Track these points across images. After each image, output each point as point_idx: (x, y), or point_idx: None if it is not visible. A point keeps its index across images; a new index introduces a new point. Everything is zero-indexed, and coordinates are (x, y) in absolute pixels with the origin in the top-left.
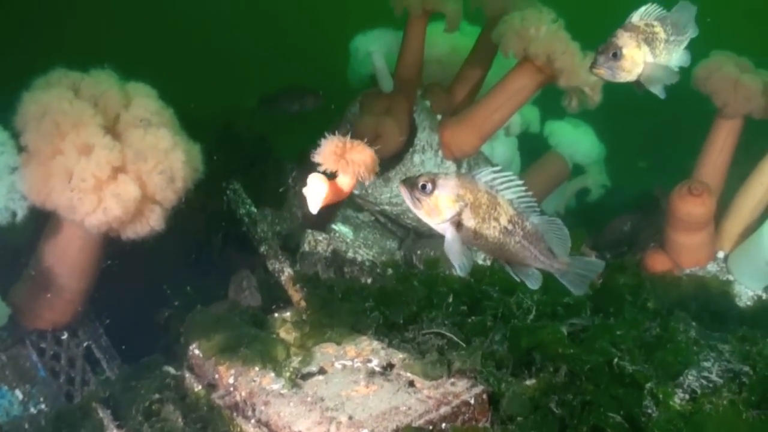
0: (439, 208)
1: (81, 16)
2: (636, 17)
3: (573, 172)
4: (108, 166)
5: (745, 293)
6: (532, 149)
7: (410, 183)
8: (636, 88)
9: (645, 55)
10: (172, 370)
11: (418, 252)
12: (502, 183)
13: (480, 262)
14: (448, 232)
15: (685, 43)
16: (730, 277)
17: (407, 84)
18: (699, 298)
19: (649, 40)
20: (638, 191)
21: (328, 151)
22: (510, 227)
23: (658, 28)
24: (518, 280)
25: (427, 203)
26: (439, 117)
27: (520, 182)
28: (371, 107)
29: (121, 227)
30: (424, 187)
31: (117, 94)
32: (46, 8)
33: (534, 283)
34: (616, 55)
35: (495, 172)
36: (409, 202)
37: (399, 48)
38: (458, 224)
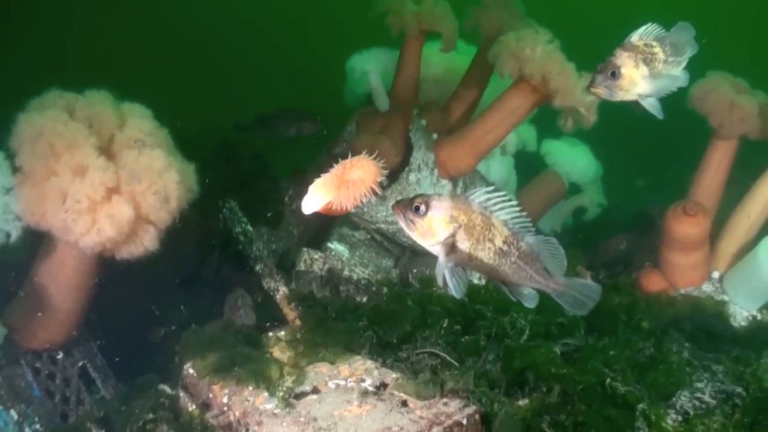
0: (433, 230)
1: (78, 36)
2: (635, 37)
3: (569, 191)
4: (102, 187)
5: (740, 313)
6: (529, 168)
7: (404, 205)
8: (634, 107)
9: (643, 74)
10: (167, 389)
11: (414, 270)
12: (496, 203)
13: (475, 281)
14: (442, 253)
15: (684, 63)
16: (725, 297)
17: (403, 103)
18: (694, 318)
19: (648, 60)
20: (636, 210)
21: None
22: (505, 248)
23: (657, 49)
24: (514, 300)
25: (420, 225)
26: (435, 136)
27: (514, 202)
28: (367, 126)
29: (115, 248)
30: (417, 208)
31: (112, 115)
32: (43, 29)
33: (530, 303)
34: (615, 75)
35: (489, 192)
36: (403, 224)
37: (395, 67)
38: (452, 246)
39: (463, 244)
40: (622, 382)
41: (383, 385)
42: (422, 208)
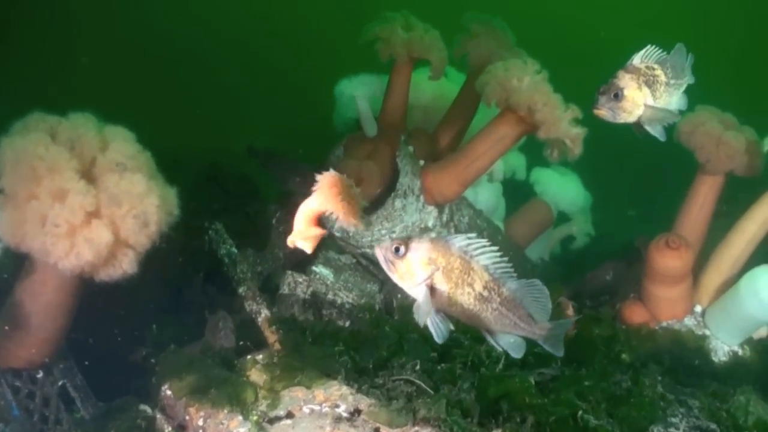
0: (412, 271)
1: (64, 54)
2: (637, 59)
3: (558, 220)
4: (81, 211)
5: (722, 348)
6: (519, 195)
7: (384, 246)
8: (635, 129)
9: (645, 96)
10: (148, 409)
11: (399, 295)
12: (476, 248)
13: None
14: (421, 296)
15: (684, 87)
16: (707, 332)
17: (391, 129)
18: (673, 351)
19: (650, 83)
20: (626, 240)
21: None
22: (485, 293)
23: (659, 71)
24: (500, 349)
25: (400, 266)
26: (422, 162)
27: (495, 248)
28: (354, 151)
29: (94, 270)
30: (397, 249)
31: (94, 138)
32: (30, 48)
33: (517, 353)
34: (618, 96)
35: (469, 238)
36: (384, 266)
37: (384, 92)
38: (432, 289)
39: (442, 288)
40: (594, 415)
41: (357, 411)
42: (401, 249)
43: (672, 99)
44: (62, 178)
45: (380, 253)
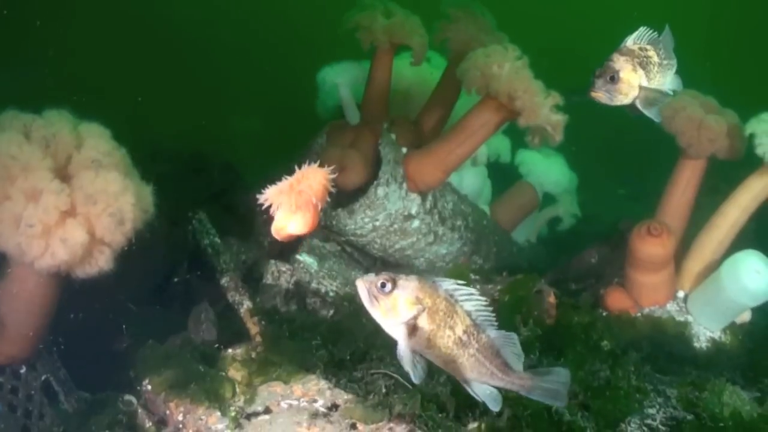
0: (397, 309)
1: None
2: (630, 41)
3: (545, 201)
4: (56, 211)
5: (704, 334)
6: (506, 178)
7: (369, 280)
8: (629, 111)
9: (640, 78)
10: (133, 399)
11: None
12: (462, 294)
13: None
14: (402, 335)
15: (675, 67)
16: (690, 318)
17: (373, 116)
18: (654, 338)
19: (644, 64)
20: (615, 219)
21: (276, 191)
22: (465, 338)
23: (652, 52)
24: (479, 400)
25: (384, 303)
26: (404, 150)
27: (481, 296)
28: (337, 139)
29: (70, 268)
30: (383, 285)
31: (69, 136)
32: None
33: (494, 405)
34: (614, 79)
35: (456, 283)
36: (365, 300)
37: (366, 80)
38: (413, 328)
39: (424, 328)
40: (568, 409)
41: (335, 406)
42: (388, 285)
43: (666, 80)
44: (36, 178)
45: (363, 287)
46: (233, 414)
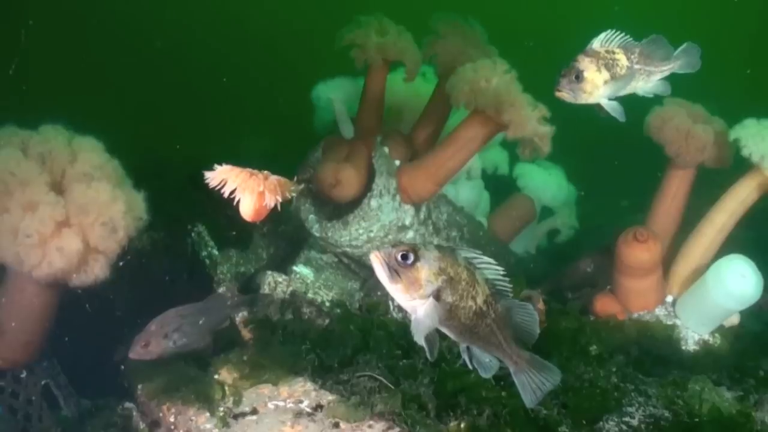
0: (421, 282)
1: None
2: (596, 44)
3: (544, 213)
4: (51, 221)
5: (692, 337)
6: (505, 190)
7: (386, 252)
8: (597, 111)
9: (605, 78)
10: (133, 406)
11: (379, 293)
12: (480, 262)
13: None
14: (422, 309)
15: (662, 75)
16: (678, 322)
17: (367, 131)
18: (642, 342)
19: (609, 66)
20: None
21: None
22: (484, 308)
23: (620, 55)
24: (471, 367)
25: (407, 276)
26: (397, 162)
27: (498, 266)
28: (332, 153)
29: (67, 277)
30: (405, 257)
31: (63, 151)
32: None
33: (487, 372)
34: (578, 78)
35: (474, 252)
36: (383, 275)
37: (360, 95)
38: (437, 300)
39: (446, 300)
40: (544, 406)
41: (319, 407)
42: (411, 256)
43: (650, 85)
44: (33, 191)
45: (379, 260)
46: (221, 414)
